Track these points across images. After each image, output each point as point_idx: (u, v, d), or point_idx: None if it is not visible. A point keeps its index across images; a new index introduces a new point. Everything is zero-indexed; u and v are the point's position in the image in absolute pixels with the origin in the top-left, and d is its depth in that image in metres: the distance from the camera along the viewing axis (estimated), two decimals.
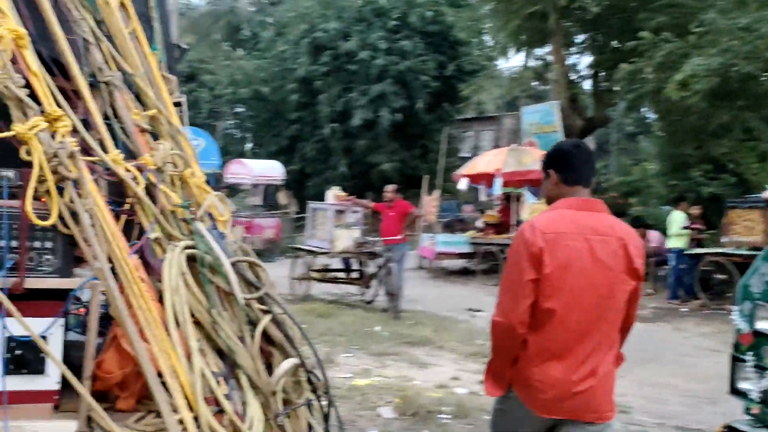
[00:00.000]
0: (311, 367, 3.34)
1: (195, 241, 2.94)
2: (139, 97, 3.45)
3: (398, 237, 11.73)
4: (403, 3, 30.01)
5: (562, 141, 3.28)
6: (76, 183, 2.38)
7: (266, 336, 3.14)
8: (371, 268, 12.64)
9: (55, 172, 2.33)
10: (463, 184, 17.27)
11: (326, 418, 3.24)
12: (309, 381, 3.20)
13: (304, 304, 12.09)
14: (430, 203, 19.24)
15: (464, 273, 18.42)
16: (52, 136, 2.46)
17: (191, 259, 2.91)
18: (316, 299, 12.88)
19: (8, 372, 2.31)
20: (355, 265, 13.38)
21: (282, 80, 30.69)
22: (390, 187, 12.11)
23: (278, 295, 3.34)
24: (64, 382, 2.39)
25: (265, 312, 3.11)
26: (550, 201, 3.14)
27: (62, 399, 2.40)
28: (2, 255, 2.27)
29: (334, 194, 13.16)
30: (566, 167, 3.06)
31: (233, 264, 3.04)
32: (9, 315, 2.24)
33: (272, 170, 23.77)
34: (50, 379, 2.35)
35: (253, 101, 32.95)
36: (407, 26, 29.67)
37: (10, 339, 2.29)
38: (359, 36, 29.24)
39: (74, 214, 2.36)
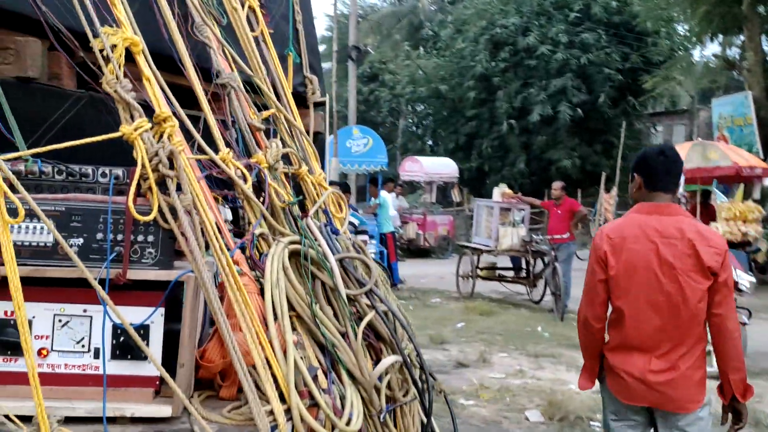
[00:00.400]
0: (426, 365, 3.32)
1: (301, 236, 3.01)
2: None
3: (565, 236, 11.39)
4: None
5: (649, 147, 3.57)
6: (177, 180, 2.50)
7: (376, 333, 3.16)
8: (539, 266, 12.37)
9: (155, 170, 2.46)
10: None
11: (428, 415, 3.20)
12: (415, 378, 3.17)
13: (468, 301, 12.06)
14: (607, 201, 18.51)
15: None
16: (161, 136, 2.60)
17: (297, 255, 2.98)
18: (482, 297, 12.81)
19: (114, 357, 2.47)
20: (523, 264, 13.15)
21: (460, 78, 30.71)
22: (557, 185, 11.77)
23: (383, 288, 3.35)
24: (167, 368, 2.52)
25: (373, 308, 3.12)
26: (634, 203, 3.38)
27: (163, 385, 2.52)
28: (106, 247, 2.43)
29: (500, 192, 13.01)
30: (649, 173, 3.27)
31: (341, 260, 3.08)
32: (117, 303, 2.39)
33: (445, 167, 23.88)
34: (152, 366, 2.48)
35: (432, 99, 33.27)
36: (590, 18, 28.67)
37: (116, 326, 2.45)
38: (539, 30, 28.65)
39: (174, 210, 2.48)
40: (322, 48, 36.92)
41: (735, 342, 3.14)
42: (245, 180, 2.95)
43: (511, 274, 13.22)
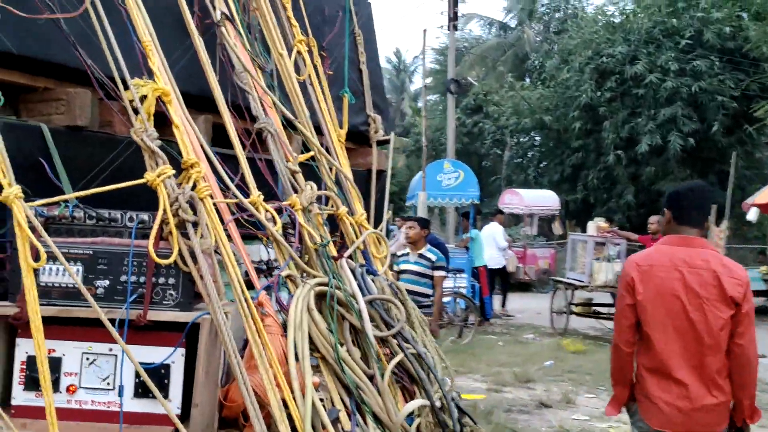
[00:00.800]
0: (453, 407, 3.26)
1: (330, 278, 3.04)
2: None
3: None
4: (697, 21, 28.05)
5: (681, 183, 3.79)
6: (196, 225, 2.59)
7: (411, 375, 3.14)
8: None
9: (175, 215, 2.55)
10: (752, 214, 15.59)
11: None
12: (444, 421, 3.11)
13: (561, 338, 11.73)
14: (717, 235, 17.64)
15: (759, 312, 16.57)
16: (188, 181, 2.71)
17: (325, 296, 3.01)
18: (578, 334, 12.44)
19: (136, 395, 2.57)
20: None
21: (565, 108, 30.17)
22: (653, 219, 11.32)
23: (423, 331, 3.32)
24: (187, 407, 2.59)
25: (404, 351, 3.10)
26: (664, 236, 3.54)
27: (184, 423, 2.59)
28: (126, 289, 2.54)
29: (596, 225, 12.65)
30: (678, 208, 3.42)
31: (371, 302, 3.09)
32: (135, 343, 2.49)
33: (546, 200, 23.47)
34: (172, 404, 2.56)
35: (536, 130, 32.84)
36: (702, 44, 27.63)
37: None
38: (647, 58, 27.78)
39: (195, 253, 2.57)
40: (428, 80, 37.14)
41: (752, 371, 3.32)
42: (275, 223, 3.01)
43: (606, 310, 12.78)
